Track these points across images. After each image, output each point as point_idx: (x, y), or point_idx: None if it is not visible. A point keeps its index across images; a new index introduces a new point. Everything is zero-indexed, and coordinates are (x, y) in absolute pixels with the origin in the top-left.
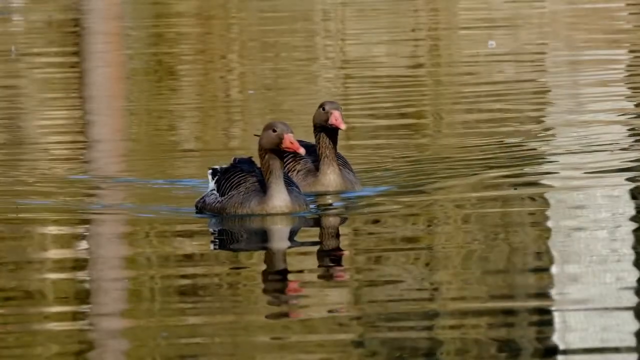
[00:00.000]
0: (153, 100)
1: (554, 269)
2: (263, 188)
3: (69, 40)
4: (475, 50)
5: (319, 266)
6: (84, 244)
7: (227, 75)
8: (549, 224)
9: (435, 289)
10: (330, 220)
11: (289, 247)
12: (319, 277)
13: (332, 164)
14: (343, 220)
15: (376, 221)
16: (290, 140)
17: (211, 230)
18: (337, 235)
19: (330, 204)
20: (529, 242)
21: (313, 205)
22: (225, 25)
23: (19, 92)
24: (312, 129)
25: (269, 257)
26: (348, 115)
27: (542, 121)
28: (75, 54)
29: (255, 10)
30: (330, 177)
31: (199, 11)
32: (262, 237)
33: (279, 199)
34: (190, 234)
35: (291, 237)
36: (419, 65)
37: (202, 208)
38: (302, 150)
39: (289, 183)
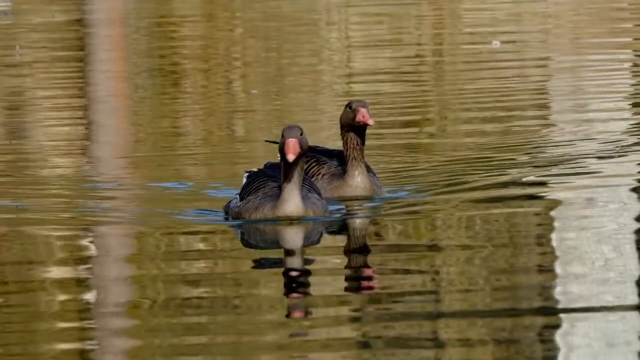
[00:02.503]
0: (157, 101)
1: (559, 283)
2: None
3: (71, 41)
4: (479, 50)
5: (328, 275)
6: (90, 256)
7: (232, 75)
8: (555, 235)
9: (445, 301)
10: (347, 227)
11: (299, 257)
12: (328, 287)
13: (360, 166)
14: (361, 226)
15: (392, 227)
16: (287, 144)
17: (221, 238)
18: (353, 244)
19: (356, 210)
20: (551, 254)
21: (343, 211)
22: (229, 26)
23: (22, 94)
24: (340, 129)
25: (277, 269)
26: None
27: (548, 126)
28: (80, 58)
29: (259, 10)
30: (358, 180)
31: (202, 12)
32: (271, 246)
33: (291, 203)
34: (197, 242)
35: (302, 245)
36: (423, 71)
37: (226, 212)
38: (289, 157)
39: (310, 189)
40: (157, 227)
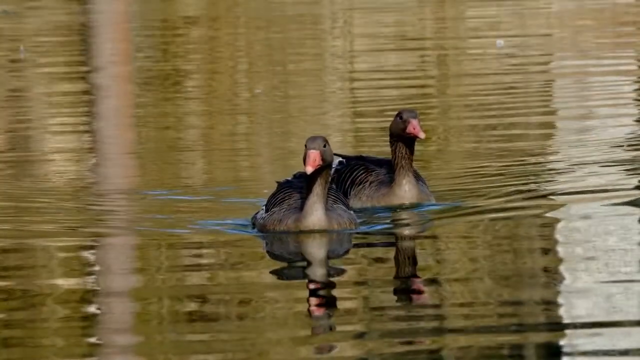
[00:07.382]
0: (160, 103)
1: (565, 298)
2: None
3: (76, 45)
4: (483, 50)
5: (337, 291)
6: (97, 268)
7: (235, 76)
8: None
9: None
10: (372, 240)
11: (319, 273)
12: (336, 301)
13: (408, 174)
14: (388, 239)
15: (413, 242)
16: (308, 156)
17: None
18: (370, 258)
19: (398, 219)
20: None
21: (388, 221)
22: (232, 28)
23: (26, 96)
24: (389, 138)
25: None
26: (356, 119)
27: (551, 134)
28: (83, 58)
29: (263, 12)
30: (405, 188)
31: (206, 13)
32: (293, 260)
33: (313, 216)
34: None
35: (324, 261)
36: (426, 71)
37: (253, 224)
38: (307, 169)
39: (336, 200)
40: (173, 238)
